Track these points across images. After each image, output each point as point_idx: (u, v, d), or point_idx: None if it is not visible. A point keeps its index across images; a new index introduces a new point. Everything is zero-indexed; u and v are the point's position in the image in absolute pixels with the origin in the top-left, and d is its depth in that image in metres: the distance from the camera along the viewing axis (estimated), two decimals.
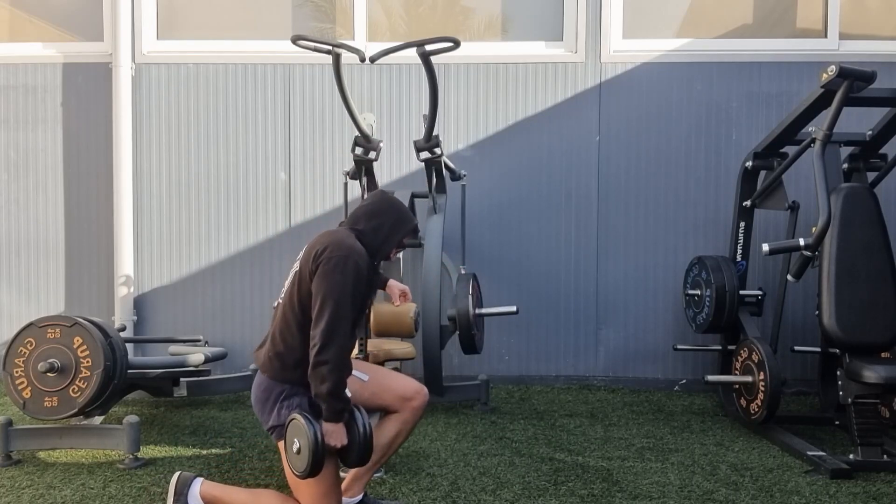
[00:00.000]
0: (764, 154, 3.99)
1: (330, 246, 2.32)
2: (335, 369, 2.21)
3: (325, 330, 2.22)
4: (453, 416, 3.96)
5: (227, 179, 4.77)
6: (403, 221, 2.51)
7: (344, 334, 2.26)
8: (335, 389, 2.22)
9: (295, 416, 2.24)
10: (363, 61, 3.63)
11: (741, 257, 4.19)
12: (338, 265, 2.27)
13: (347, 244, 2.34)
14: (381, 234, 2.46)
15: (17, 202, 4.81)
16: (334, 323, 2.23)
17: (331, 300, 2.24)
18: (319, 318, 2.24)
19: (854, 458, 3.17)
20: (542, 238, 4.72)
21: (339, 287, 2.25)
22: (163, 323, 4.79)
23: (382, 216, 2.48)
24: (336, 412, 2.24)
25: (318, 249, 2.33)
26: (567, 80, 4.70)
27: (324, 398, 2.22)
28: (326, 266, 2.27)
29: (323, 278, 2.27)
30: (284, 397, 2.35)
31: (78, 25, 4.88)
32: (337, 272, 2.26)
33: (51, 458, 3.27)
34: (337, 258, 2.28)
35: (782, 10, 4.81)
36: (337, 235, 2.39)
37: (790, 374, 4.45)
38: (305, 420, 2.20)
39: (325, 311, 2.24)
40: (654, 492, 2.89)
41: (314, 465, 2.19)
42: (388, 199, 2.55)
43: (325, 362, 2.21)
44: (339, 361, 2.23)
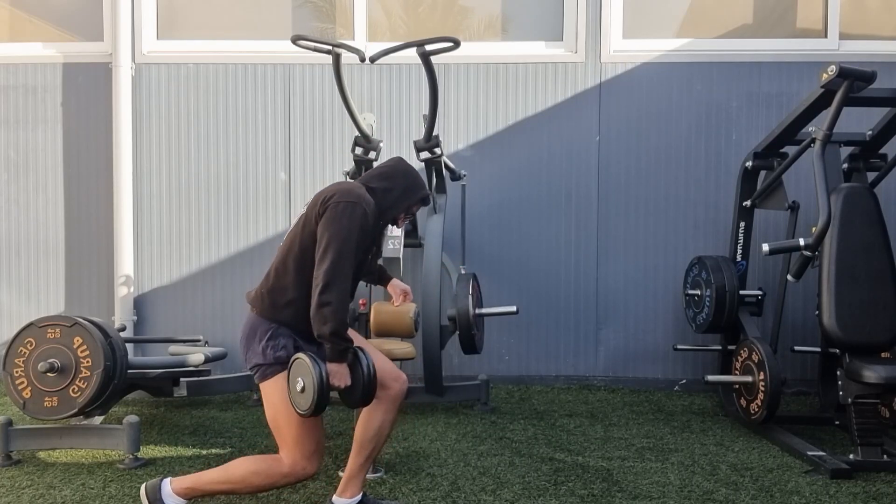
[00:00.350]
0: (764, 154, 3.99)
1: (339, 192, 2.36)
2: (338, 309, 2.24)
3: (328, 270, 2.24)
4: (453, 416, 3.96)
5: (227, 179, 4.77)
6: (415, 188, 2.54)
7: (346, 277, 2.28)
8: (338, 329, 2.24)
9: (299, 356, 2.26)
10: (363, 61, 3.64)
11: (741, 257, 4.19)
12: (346, 210, 2.30)
13: (357, 193, 2.38)
14: (391, 197, 2.48)
15: (17, 202, 4.81)
16: (338, 265, 2.25)
17: (336, 242, 2.27)
18: (323, 259, 2.26)
19: (854, 458, 3.17)
20: (542, 238, 4.72)
21: (345, 231, 2.28)
22: (163, 323, 4.79)
23: (395, 179, 2.51)
24: (339, 352, 2.26)
25: (326, 195, 2.37)
26: (567, 80, 4.70)
27: (327, 338, 2.24)
28: (334, 210, 2.31)
29: (329, 221, 2.30)
30: (270, 336, 2.37)
31: (78, 25, 4.88)
32: (344, 217, 2.30)
33: (51, 458, 3.27)
34: (345, 203, 2.32)
35: (782, 10, 4.82)
36: (348, 185, 2.44)
37: (790, 374, 4.45)
38: (311, 359, 2.22)
39: (329, 252, 2.26)
40: (654, 492, 2.89)
41: (318, 404, 2.21)
42: (403, 165, 2.58)
43: (328, 303, 2.23)
44: (342, 302, 2.26)
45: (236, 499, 2.74)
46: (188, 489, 2.46)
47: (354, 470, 2.57)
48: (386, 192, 2.48)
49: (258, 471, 2.41)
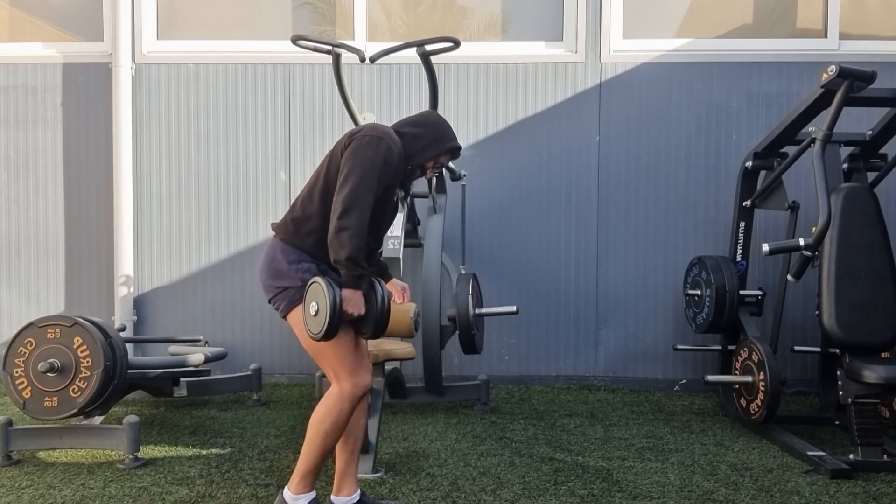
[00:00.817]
0: (764, 154, 3.99)
1: (367, 128, 2.40)
2: (355, 235, 2.25)
3: (347, 196, 2.26)
4: (453, 416, 3.96)
5: (227, 179, 4.77)
6: (444, 139, 2.54)
7: (366, 204, 2.29)
8: (354, 255, 2.25)
9: (316, 280, 2.28)
10: (363, 61, 3.64)
11: (741, 257, 4.19)
12: (371, 142, 2.33)
13: (385, 130, 2.41)
14: (420, 143, 2.49)
15: (17, 202, 4.81)
16: (358, 192, 2.27)
17: (358, 170, 2.29)
18: (344, 185, 2.29)
19: (854, 458, 3.17)
20: (542, 238, 4.72)
21: (368, 161, 2.31)
22: (163, 323, 4.79)
23: (425, 127, 2.53)
24: (355, 278, 2.27)
25: (354, 130, 2.41)
26: (567, 80, 4.70)
27: (343, 263, 2.25)
28: (360, 141, 2.34)
29: (354, 151, 2.33)
30: (295, 259, 2.39)
31: (78, 25, 4.88)
32: (369, 149, 2.32)
33: (51, 458, 3.27)
34: (371, 136, 2.35)
35: (782, 10, 4.82)
36: (377, 125, 2.47)
37: (790, 374, 4.45)
38: (326, 283, 2.23)
39: (350, 179, 2.28)
40: (654, 492, 2.89)
41: (330, 327, 2.23)
42: (434, 116, 2.62)
43: (346, 227, 2.24)
44: (359, 228, 2.27)
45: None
46: (300, 479, 2.46)
47: (343, 466, 2.58)
48: (415, 137, 2.49)
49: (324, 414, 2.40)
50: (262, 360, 4.51)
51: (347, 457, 2.57)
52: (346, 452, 2.57)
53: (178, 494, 2.81)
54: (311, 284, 2.29)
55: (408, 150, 2.47)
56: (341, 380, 2.40)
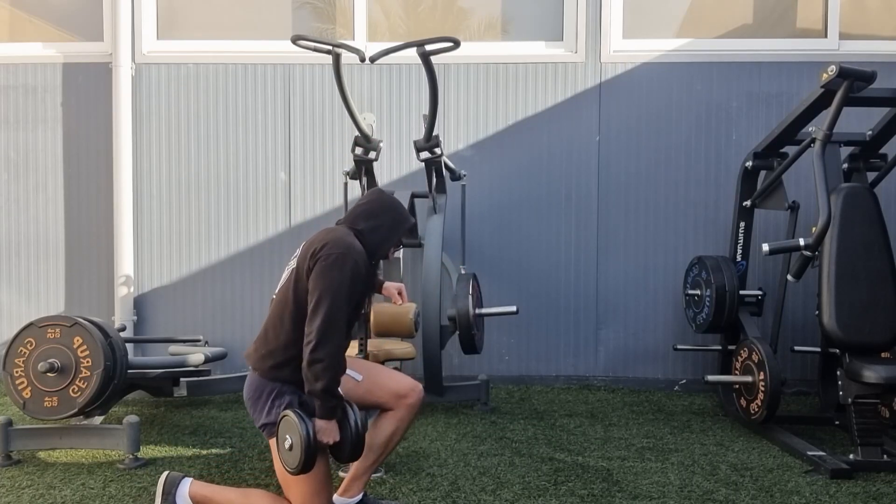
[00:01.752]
0: (764, 154, 3.99)
1: (329, 243, 2.32)
2: (329, 367, 2.21)
3: (320, 327, 2.22)
4: (453, 416, 3.96)
5: (227, 179, 4.77)
6: (401, 221, 2.52)
7: (339, 332, 2.25)
8: (329, 387, 2.22)
9: (287, 413, 2.24)
10: (363, 61, 3.63)
11: (741, 257, 4.19)
12: (336, 262, 2.27)
13: (346, 242, 2.34)
14: (380, 234, 2.46)
15: (17, 202, 4.81)
16: (330, 320, 2.22)
17: (327, 297, 2.24)
18: (315, 315, 2.23)
19: (854, 458, 3.17)
20: (542, 238, 4.72)
21: (336, 284, 2.25)
22: (163, 323, 4.79)
23: (380, 216, 2.48)
24: (329, 409, 2.24)
25: (316, 247, 2.33)
26: (567, 80, 4.70)
27: (318, 395, 2.22)
28: (325, 262, 2.27)
29: (320, 275, 2.27)
30: (275, 395, 2.35)
31: (78, 25, 4.88)
32: (335, 269, 2.26)
33: (51, 458, 3.27)
34: (336, 255, 2.28)
35: (782, 10, 4.82)
36: (336, 233, 2.39)
37: (790, 374, 4.45)
38: (297, 416, 2.20)
39: (320, 307, 2.23)
40: (654, 492, 2.89)
41: (306, 462, 2.20)
42: (386, 199, 2.56)
43: (320, 360, 2.20)
44: (334, 359, 2.23)
45: None
46: (204, 497, 2.45)
47: (359, 472, 2.58)
48: (374, 231, 2.45)
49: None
50: None
51: (368, 465, 2.56)
52: (368, 461, 2.55)
53: None
54: (282, 418, 2.25)
55: (370, 248, 2.42)
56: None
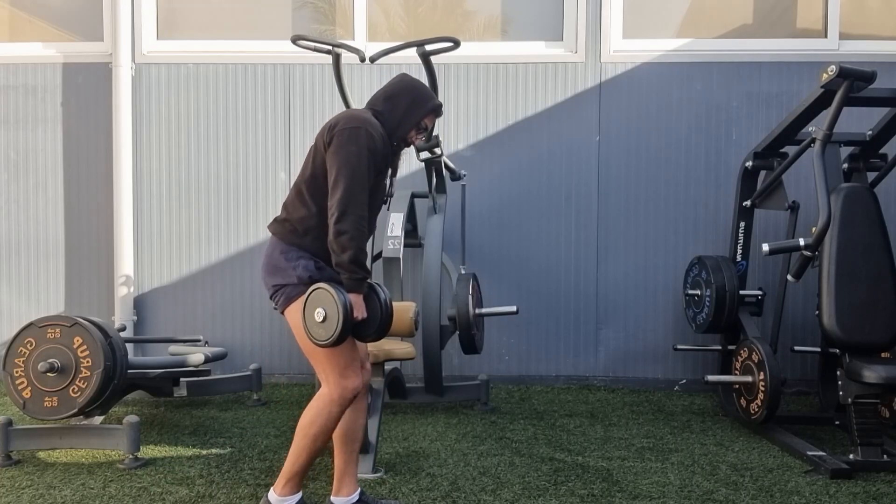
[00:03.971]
0: (764, 154, 3.99)
1: (343, 119, 2.38)
2: (354, 237, 2.25)
3: (341, 199, 2.26)
4: (453, 416, 3.96)
5: (227, 179, 4.77)
6: (420, 101, 2.52)
7: (361, 203, 2.29)
8: (356, 257, 2.25)
9: (321, 286, 2.26)
10: (363, 61, 3.64)
11: (741, 257, 4.18)
12: (351, 136, 2.31)
13: (361, 117, 2.39)
14: (398, 114, 2.48)
15: (17, 202, 4.81)
16: (350, 192, 2.27)
17: (346, 170, 2.28)
18: (336, 189, 2.28)
19: (854, 458, 3.17)
20: (542, 238, 4.72)
21: (353, 157, 2.30)
22: (163, 323, 4.79)
23: (399, 97, 2.50)
24: (357, 281, 2.28)
25: (332, 122, 2.39)
26: (567, 80, 4.70)
27: (345, 267, 2.25)
28: (340, 138, 2.32)
29: (337, 150, 2.31)
30: (294, 257, 2.39)
31: (78, 25, 4.88)
32: (351, 143, 2.31)
33: (51, 458, 3.27)
34: (350, 129, 2.33)
35: (782, 10, 4.82)
36: (352, 111, 2.49)
37: (790, 374, 4.45)
38: (334, 289, 2.22)
39: (340, 181, 2.28)
40: (654, 492, 2.89)
41: (343, 332, 2.21)
42: (406, 80, 2.57)
43: (345, 231, 2.24)
44: (358, 230, 2.27)
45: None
46: (287, 481, 2.46)
47: (342, 466, 2.58)
48: (392, 110, 2.48)
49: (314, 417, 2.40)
50: (262, 360, 4.51)
51: (346, 457, 2.57)
52: (345, 453, 2.56)
53: (178, 494, 2.81)
54: (316, 290, 2.27)
55: (388, 127, 2.46)
56: (331, 383, 2.39)
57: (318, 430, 2.40)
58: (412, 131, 2.52)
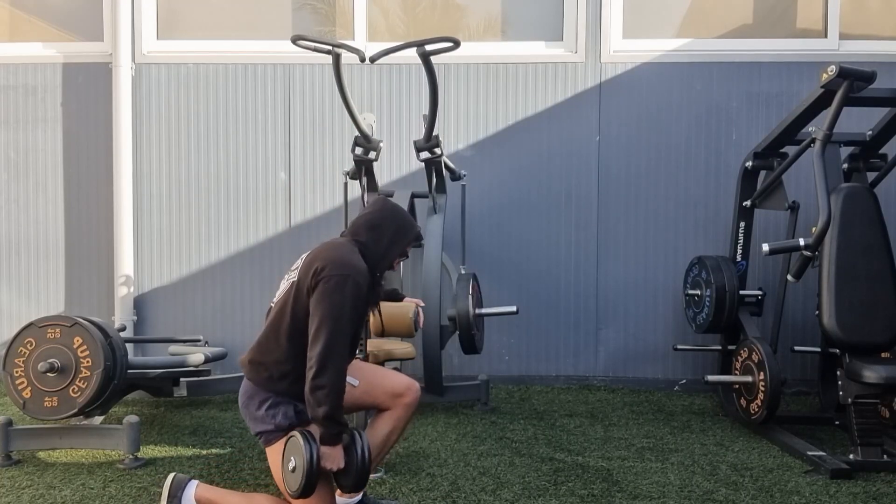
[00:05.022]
0: (764, 154, 3.99)
1: (330, 264, 2.27)
2: (332, 392, 2.18)
3: (322, 352, 2.18)
4: (453, 416, 3.96)
5: (227, 179, 4.77)
6: (405, 231, 2.48)
7: (341, 357, 2.23)
8: (331, 413, 2.18)
9: (294, 434, 2.21)
10: (363, 61, 3.63)
11: (741, 257, 4.18)
12: (338, 285, 2.23)
13: (348, 262, 2.30)
14: (382, 246, 2.42)
15: (17, 202, 4.81)
16: (332, 345, 2.19)
17: (328, 322, 2.20)
18: (316, 340, 2.20)
19: (854, 458, 3.17)
20: (542, 238, 4.72)
21: (337, 308, 2.22)
22: (163, 323, 4.79)
23: (383, 227, 2.44)
24: (333, 435, 2.21)
25: (318, 266, 2.28)
26: (567, 80, 4.70)
27: (321, 421, 2.19)
28: (326, 285, 2.23)
29: (322, 298, 2.23)
30: (270, 405, 2.34)
31: (78, 25, 4.88)
32: (336, 293, 2.23)
33: (51, 458, 3.27)
34: (337, 277, 2.24)
35: (782, 10, 4.82)
36: (339, 251, 2.35)
37: (790, 374, 4.45)
38: (304, 439, 2.17)
39: (321, 333, 2.20)
40: (654, 492, 2.89)
41: (307, 487, 2.17)
42: (390, 209, 2.51)
43: (323, 386, 2.17)
44: (336, 385, 2.20)
45: None
46: (209, 501, 2.44)
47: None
48: (377, 241, 2.41)
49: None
50: None
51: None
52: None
53: None
54: (290, 438, 2.23)
55: (372, 261, 2.38)
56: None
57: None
58: (396, 259, 2.49)
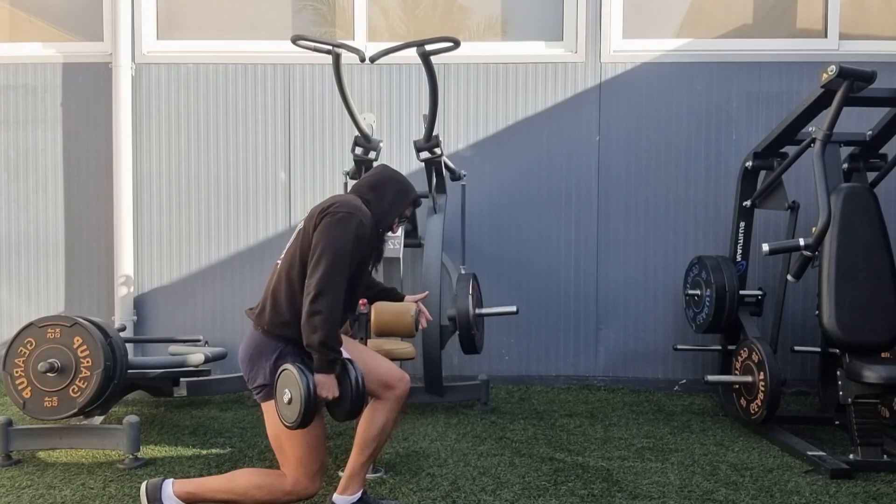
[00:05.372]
0: (764, 154, 3.99)
1: (337, 202, 2.38)
2: (328, 319, 2.22)
3: (320, 279, 2.24)
4: (453, 416, 3.96)
5: (227, 179, 4.77)
6: (405, 194, 2.56)
7: (339, 287, 2.27)
8: (326, 340, 2.22)
9: (287, 367, 2.24)
10: (363, 61, 3.64)
11: (741, 257, 4.19)
12: (342, 220, 2.31)
13: (354, 204, 2.40)
14: (384, 205, 2.50)
15: (17, 202, 4.81)
16: (330, 274, 2.25)
17: (329, 251, 2.27)
18: (316, 268, 2.26)
19: (854, 458, 3.17)
20: (542, 238, 4.72)
21: (339, 240, 2.29)
22: (163, 323, 4.78)
23: (385, 188, 2.52)
24: (328, 362, 2.25)
25: (323, 206, 2.38)
26: (567, 80, 4.70)
27: (315, 348, 2.23)
28: (331, 219, 2.32)
29: (325, 230, 2.30)
30: (278, 356, 2.35)
31: (78, 25, 4.88)
32: (340, 226, 2.30)
33: (51, 458, 3.27)
34: (343, 213, 2.33)
35: (782, 10, 4.82)
36: (344, 196, 2.47)
37: (790, 374, 4.45)
38: (298, 370, 2.20)
39: (322, 261, 2.26)
40: (654, 492, 2.89)
41: (305, 415, 2.19)
42: (390, 172, 2.60)
43: (318, 311, 2.22)
44: (332, 312, 2.24)
45: None
46: (189, 494, 2.44)
47: (356, 468, 2.58)
48: (379, 200, 2.49)
49: (261, 485, 2.39)
50: None
51: (364, 461, 2.57)
52: (363, 456, 2.56)
53: None
54: (282, 372, 2.25)
55: (375, 216, 2.45)
56: (289, 474, 2.36)
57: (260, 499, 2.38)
58: (396, 219, 2.54)
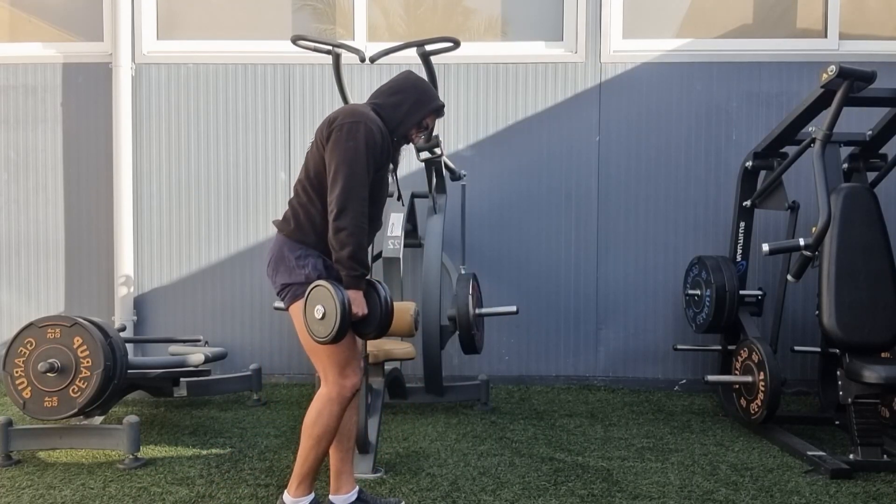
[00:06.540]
0: (764, 154, 3.99)
1: (342, 114, 2.38)
2: (353, 233, 2.26)
3: (340, 195, 2.27)
4: (453, 416, 3.96)
5: (227, 179, 4.77)
6: (425, 100, 2.51)
7: (360, 199, 2.29)
8: (355, 253, 2.26)
9: (320, 283, 2.26)
10: (363, 61, 3.64)
11: (741, 257, 4.19)
12: (350, 131, 2.31)
13: (360, 111, 2.38)
14: (401, 111, 2.47)
15: (17, 202, 4.81)
16: (349, 189, 2.27)
17: (344, 166, 2.28)
18: (335, 185, 2.28)
19: (854, 458, 3.17)
20: (542, 238, 4.72)
21: (352, 153, 2.30)
22: (163, 323, 4.79)
23: (404, 93, 2.50)
24: (356, 277, 2.28)
25: (331, 117, 2.39)
26: (567, 80, 4.70)
27: (344, 263, 2.26)
28: (339, 133, 2.32)
29: (335, 145, 2.31)
30: (300, 256, 2.39)
31: (78, 25, 4.88)
32: (350, 138, 2.31)
33: (51, 458, 3.27)
34: (349, 124, 2.33)
35: (782, 10, 4.82)
36: (352, 106, 2.50)
37: (790, 374, 4.45)
38: (333, 286, 2.23)
39: (339, 177, 2.28)
40: (654, 492, 2.89)
41: (341, 329, 2.22)
42: (412, 78, 2.57)
43: (344, 227, 2.25)
44: (357, 226, 2.27)
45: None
46: (299, 483, 2.46)
47: (338, 464, 2.59)
48: (395, 106, 2.47)
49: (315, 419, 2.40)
50: (262, 360, 4.50)
51: (342, 455, 2.58)
52: (339, 451, 2.57)
53: (178, 494, 2.81)
54: (315, 288, 2.27)
55: (390, 123, 2.45)
56: (330, 381, 2.41)
57: (322, 430, 2.40)
58: (413, 129, 2.52)
